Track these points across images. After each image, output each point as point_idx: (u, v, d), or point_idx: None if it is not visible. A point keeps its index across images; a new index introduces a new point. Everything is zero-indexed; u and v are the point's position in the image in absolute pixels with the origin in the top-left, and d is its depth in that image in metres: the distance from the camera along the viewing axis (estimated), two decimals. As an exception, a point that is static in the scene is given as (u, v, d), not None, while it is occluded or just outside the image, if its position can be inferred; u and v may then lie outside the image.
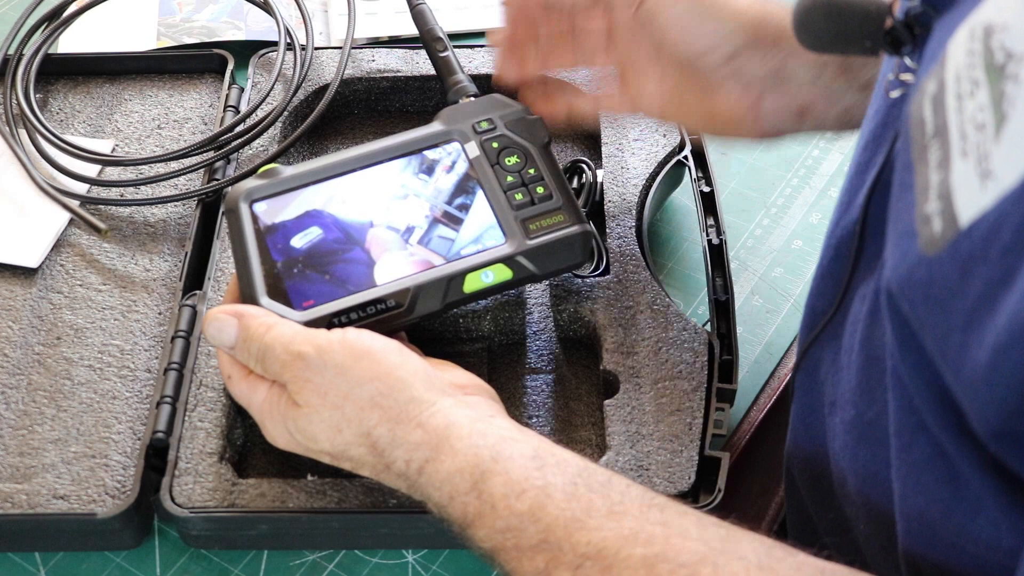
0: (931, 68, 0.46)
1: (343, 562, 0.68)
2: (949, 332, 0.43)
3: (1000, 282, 0.39)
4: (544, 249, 0.69)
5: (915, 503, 0.50)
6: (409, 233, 0.69)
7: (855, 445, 0.56)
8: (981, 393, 0.41)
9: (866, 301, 0.55)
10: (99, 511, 0.67)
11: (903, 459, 0.50)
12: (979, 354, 0.41)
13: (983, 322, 0.40)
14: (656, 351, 0.72)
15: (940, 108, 0.44)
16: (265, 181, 0.70)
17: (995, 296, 0.39)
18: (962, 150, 0.42)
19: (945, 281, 0.42)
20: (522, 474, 0.56)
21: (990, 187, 0.40)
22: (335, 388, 0.60)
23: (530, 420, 0.72)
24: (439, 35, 0.82)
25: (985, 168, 0.40)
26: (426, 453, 0.58)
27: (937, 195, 0.43)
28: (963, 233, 0.41)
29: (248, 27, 0.99)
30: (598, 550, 0.52)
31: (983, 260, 0.40)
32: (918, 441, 0.49)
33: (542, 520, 0.53)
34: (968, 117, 0.42)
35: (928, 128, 0.45)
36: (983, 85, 0.41)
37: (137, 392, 0.73)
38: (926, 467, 0.49)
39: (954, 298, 0.42)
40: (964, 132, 0.42)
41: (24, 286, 0.79)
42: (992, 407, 0.41)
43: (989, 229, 0.40)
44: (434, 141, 0.73)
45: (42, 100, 0.91)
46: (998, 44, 0.41)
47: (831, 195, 0.88)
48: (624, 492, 0.55)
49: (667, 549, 0.51)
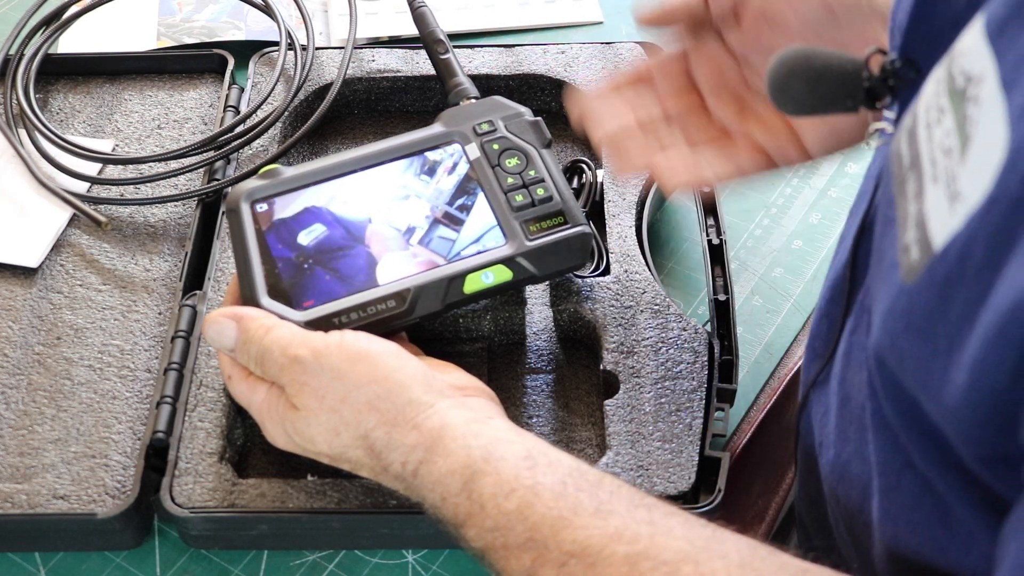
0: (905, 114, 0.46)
1: (343, 562, 0.68)
2: (932, 359, 0.42)
3: (976, 301, 0.39)
4: (544, 250, 0.69)
5: (908, 543, 0.50)
6: (410, 234, 0.69)
7: (836, 484, 0.56)
8: (964, 416, 0.41)
9: (843, 342, 0.55)
10: (99, 511, 0.67)
11: (891, 499, 0.50)
12: (959, 376, 0.40)
13: (962, 344, 0.40)
14: (656, 351, 0.72)
15: (913, 140, 0.44)
16: (266, 181, 0.70)
17: (974, 316, 0.39)
18: (933, 176, 0.42)
19: (925, 307, 0.42)
20: (512, 474, 0.56)
21: (959, 208, 0.40)
22: (332, 391, 0.60)
23: (530, 420, 0.72)
24: (440, 37, 0.82)
25: (953, 190, 0.40)
26: (421, 455, 0.58)
27: (914, 224, 0.43)
28: (937, 257, 0.41)
29: (248, 27, 0.99)
30: (583, 548, 0.52)
31: (959, 281, 0.40)
32: (905, 480, 0.49)
33: (529, 519, 0.54)
34: (937, 144, 0.42)
35: (904, 161, 0.45)
36: (948, 111, 0.42)
37: (137, 392, 0.73)
38: (916, 506, 0.49)
39: (934, 324, 0.42)
40: (934, 159, 0.42)
41: (24, 286, 0.79)
42: (975, 429, 0.41)
43: (961, 249, 0.40)
44: (435, 143, 0.73)
45: (42, 100, 0.91)
46: (958, 69, 0.41)
47: (831, 195, 0.88)
48: (613, 492, 0.55)
49: (650, 547, 0.51)
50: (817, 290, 0.82)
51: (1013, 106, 0.38)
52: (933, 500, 0.47)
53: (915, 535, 0.49)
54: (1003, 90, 0.39)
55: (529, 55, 0.91)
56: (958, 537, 0.47)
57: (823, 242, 0.85)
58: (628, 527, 0.52)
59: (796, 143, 0.65)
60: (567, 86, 0.87)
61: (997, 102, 0.39)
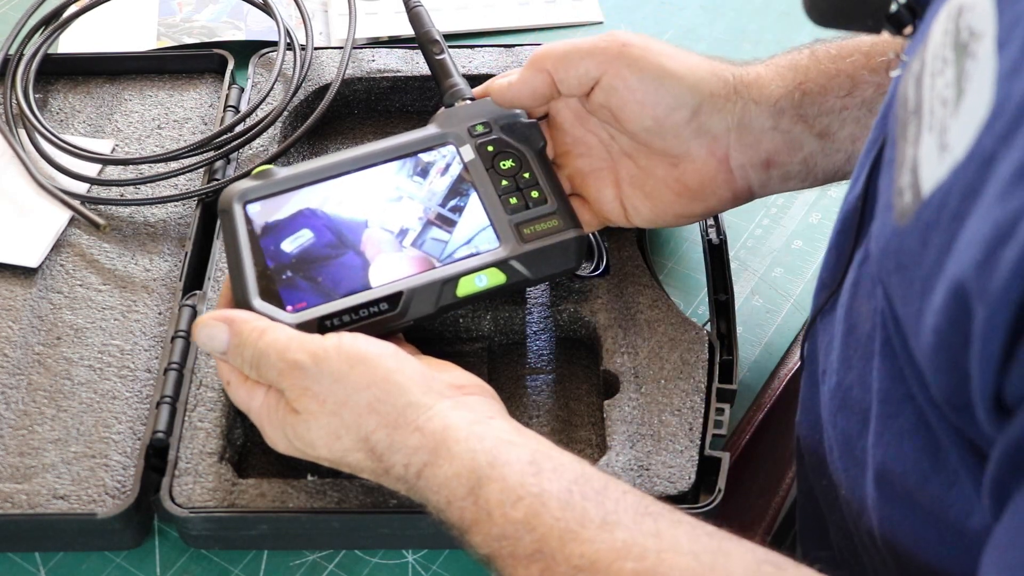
0: (917, 48, 0.47)
1: (343, 562, 0.68)
2: (911, 300, 0.44)
3: (946, 248, 0.41)
4: (538, 253, 0.68)
5: (893, 468, 0.51)
6: (403, 235, 0.69)
7: (836, 411, 0.57)
8: (932, 361, 0.43)
9: (852, 272, 0.56)
10: (99, 511, 0.67)
11: (887, 426, 0.51)
12: (929, 318, 0.42)
13: (933, 288, 0.42)
14: (656, 351, 0.72)
15: (919, 86, 0.46)
16: (259, 182, 0.69)
17: (942, 263, 0.41)
18: (929, 125, 0.44)
19: (910, 249, 0.44)
20: (518, 480, 0.56)
21: (946, 158, 0.42)
22: (332, 395, 0.60)
23: (530, 420, 0.72)
24: (435, 38, 0.82)
25: (943, 141, 0.42)
26: (424, 457, 0.58)
27: (909, 168, 0.45)
28: (924, 203, 0.43)
29: (248, 27, 0.99)
30: (591, 562, 0.52)
31: (936, 227, 0.42)
32: (904, 410, 0.50)
33: (537, 530, 0.54)
34: (936, 94, 0.44)
35: (909, 105, 0.46)
36: (950, 63, 0.43)
37: (137, 392, 0.73)
38: (909, 436, 0.50)
39: (917, 266, 0.44)
40: (932, 108, 0.44)
41: (24, 286, 0.79)
42: (942, 376, 0.43)
43: (942, 198, 0.42)
44: (429, 144, 0.72)
45: (42, 100, 0.91)
46: (965, 23, 0.42)
47: (831, 195, 0.88)
48: (619, 500, 0.55)
49: (658, 565, 0.51)
50: (817, 290, 0.82)
51: (1002, 66, 0.39)
52: (926, 433, 0.48)
53: (903, 464, 0.50)
54: (997, 49, 0.40)
55: (529, 55, 0.90)
56: (943, 472, 0.48)
57: (823, 242, 0.85)
58: (636, 541, 0.52)
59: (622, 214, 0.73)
60: None
61: (990, 60, 0.40)
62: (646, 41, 0.70)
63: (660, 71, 0.69)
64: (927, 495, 0.49)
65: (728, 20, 1.02)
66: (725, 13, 1.03)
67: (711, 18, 1.03)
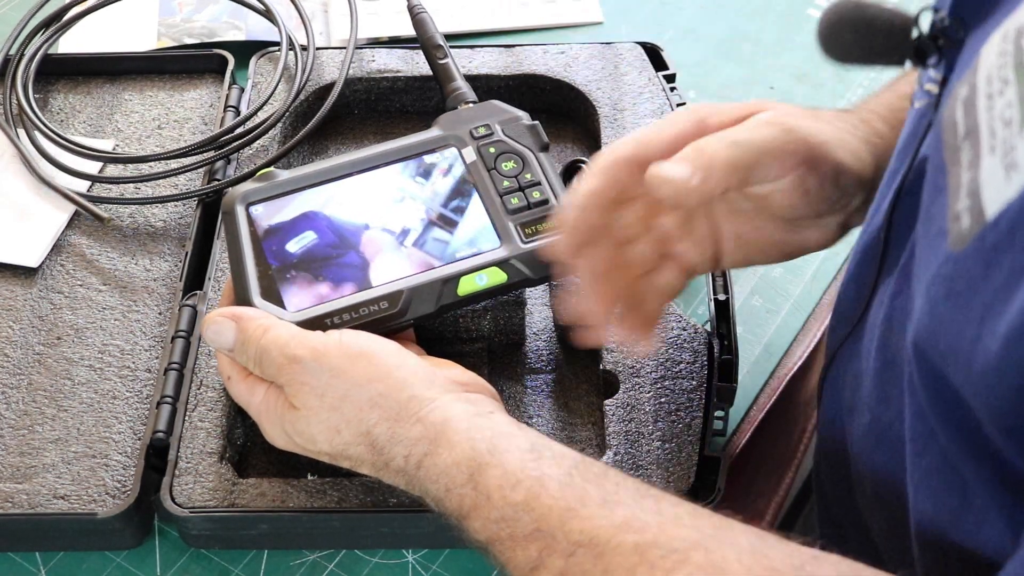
0: (964, 74, 0.46)
1: (343, 562, 0.68)
2: (965, 327, 0.43)
3: (1022, 269, 0.40)
4: (539, 253, 0.69)
5: (925, 507, 0.51)
6: (404, 235, 0.69)
7: (872, 449, 0.57)
8: (992, 384, 0.42)
9: (884, 306, 0.55)
10: (99, 511, 0.67)
11: (916, 464, 0.51)
12: (991, 344, 0.41)
13: (1000, 312, 0.41)
14: (656, 351, 0.72)
15: (971, 110, 0.45)
16: (262, 184, 0.70)
17: (1015, 284, 0.40)
18: (991, 146, 0.43)
19: (968, 274, 0.43)
20: (518, 465, 0.56)
21: (1015, 178, 0.41)
22: (332, 390, 0.60)
23: (530, 420, 0.72)
24: (439, 43, 0.83)
25: (1011, 160, 0.41)
26: (424, 447, 0.58)
27: (967, 193, 0.44)
28: (989, 225, 0.42)
29: (248, 27, 0.99)
30: (591, 538, 0.52)
31: (1008, 248, 0.41)
32: (930, 448, 0.49)
33: (536, 510, 0.54)
34: (997, 115, 0.43)
35: (960, 130, 0.45)
36: (1012, 83, 0.42)
37: (137, 392, 0.73)
38: (936, 473, 0.49)
39: (975, 291, 0.43)
40: (993, 129, 0.43)
41: (24, 286, 0.79)
42: (1004, 400, 0.42)
43: (1014, 217, 0.41)
44: (431, 146, 0.73)
45: (42, 100, 0.91)
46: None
47: (831, 195, 0.88)
48: (619, 483, 0.55)
49: (659, 536, 0.51)
50: (817, 290, 0.82)
51: None
52: (952, 471, 0.48)
53: (933, 501, 0.50)
54: None
55: (529, 55, 0.91)
56: (972, 511, 0.47)
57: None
58: (636, 516, 0.52)
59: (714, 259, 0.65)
60: None
61: None
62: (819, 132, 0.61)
63: (837, 168, 0.61)
64: (960, 533, 0.48)
65: (728, 20, 1.02)
66: (725, 13, 1.03)
67: (711, 18, 1.03)
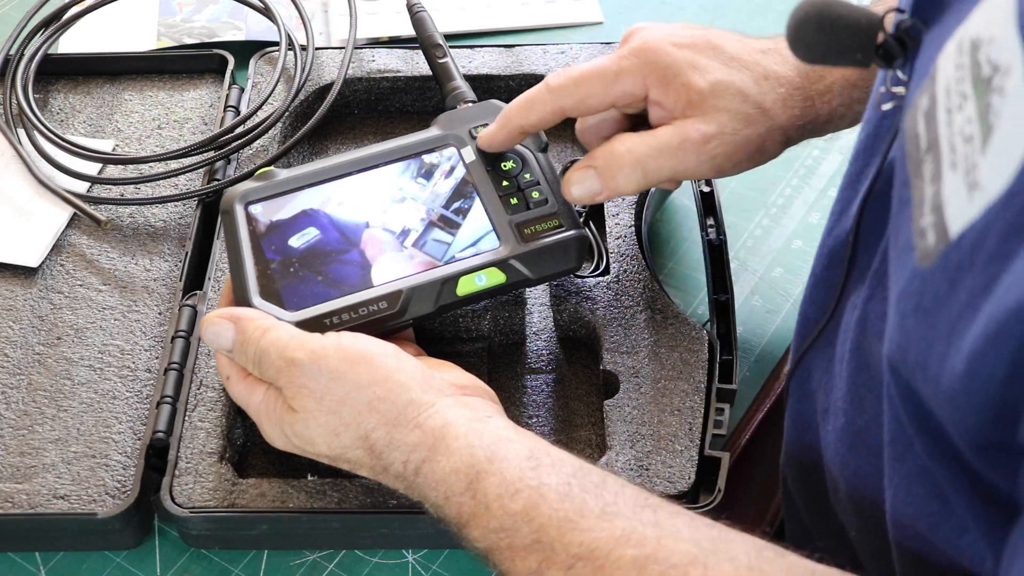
0: (923, 83, 0.46)
1: (343, 562, 0.68)
2: (933, 343, 0.43)
3: (983, 290, 0.40)
4: (538, 253, 0.69)
5: (905, 512, 0.50)
6: (404, 236, 0.69)
7: (846, 453, 0.56)
8: (960, 403, 0.41)
9: (856, 310, 0.55)
10: (99, 511, 0.67)
11: (896, 468, 0.51)
12: (957, 363, 0.41)
13: (963, 332, 0.40)
14: (656, 351, 0.72)
15: (932, 123, 0.44)
16: (261, 183, 0.70)
17: (977, 305, 0.40)
18: (952, 163, 0.42)
19: (935, 292, 0.43)
20: (516, 474, 0.56)
21: (977, 197, 0.40)
22: (331, 393, 0.60)
23: (530, 420, 0.72)
24: (438, 42, 0.83)
25: (973, 179, 0.41)
26: (423, 453, 0.58)
27: (931, 208, 0.43)
28: (953, 244, 0.42)
29: (248, 27, 0.99)
30: (590, 551, 0.52)
31: (969, 269, 0.40)
32: (910, 454, 0.49)
33: (535, 520, 0.54)
34: (957, 130, 0.42)
35: (922, 143, 0.45)
36: (970, 98, 0.41)
37: (137, 392, 0.73)
38: (916, 479, 0.49)
39: (941, 309, 0.42)
40: (953, 145, 0.42)
41: (24, 286, 0.79)
42: (970, 417, 0.41)
43: (976, 238, 0.40)
44: (431, 146, 0.73)
45: (42, 100, 0.91)
46: (985, 57, 0.41)
47: (831, 195, 0.88)
48: (618, 493, 0.55)
49: (658, 550, 0.51)
50: (817, 290, 0.82)
51: None
52: (931, 480, 0.48)
53: (913, 507, 0.50)
54: None
55: (529, 55, 0.91)
56: (952, 519, 0.47)
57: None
58: (635, 529, 0.52)
59: None
60: None
61: (1022, 96, 0.39)
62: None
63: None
64: (940, 539, 0.48)
65: (728, 20, 1.02)
66: (725, 13, 1.03)
67: (711, 18, 1.03)
